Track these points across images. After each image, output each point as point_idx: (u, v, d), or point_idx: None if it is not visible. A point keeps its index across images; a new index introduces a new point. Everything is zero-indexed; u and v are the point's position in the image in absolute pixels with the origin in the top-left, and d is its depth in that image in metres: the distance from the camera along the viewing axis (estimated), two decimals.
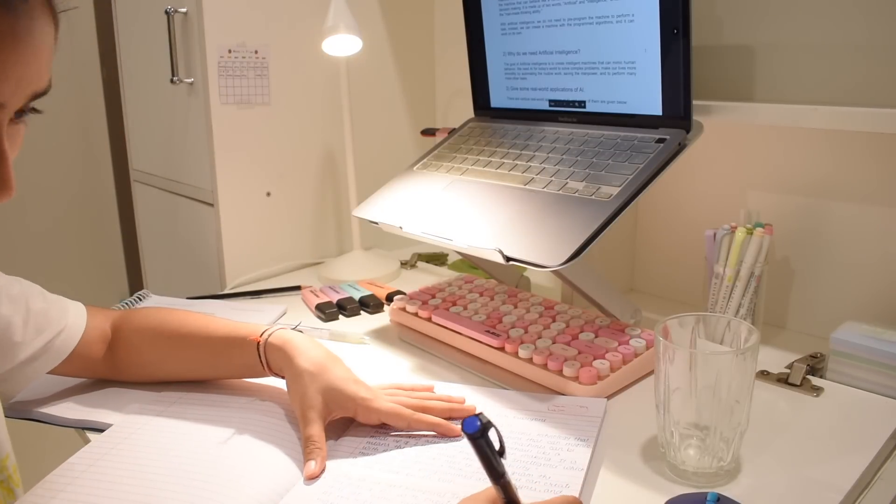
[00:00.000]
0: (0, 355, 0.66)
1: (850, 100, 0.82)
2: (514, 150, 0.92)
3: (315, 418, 0.65)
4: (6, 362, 0.67)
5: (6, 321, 0.66)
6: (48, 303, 0.71)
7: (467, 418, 0.42)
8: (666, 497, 0.57)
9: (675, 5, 0.75)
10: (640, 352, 0.77)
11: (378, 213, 0.92)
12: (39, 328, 0.69)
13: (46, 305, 0.71)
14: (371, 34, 1.22)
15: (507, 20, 0.95)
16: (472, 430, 0.42)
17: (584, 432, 0.66)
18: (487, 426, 0.43)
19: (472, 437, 0.42)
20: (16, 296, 0.68)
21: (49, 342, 0.70)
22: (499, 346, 0.80)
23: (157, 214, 1.39)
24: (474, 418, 0.42)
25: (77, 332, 0.73)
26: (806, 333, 0.90)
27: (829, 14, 0.83)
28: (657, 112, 0.81)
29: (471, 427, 0.42)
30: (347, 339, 0.92)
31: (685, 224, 1.01)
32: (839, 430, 0.68)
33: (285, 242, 1.22)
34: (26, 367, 0.69)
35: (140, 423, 0.69)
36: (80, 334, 0.73)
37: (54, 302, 0.72)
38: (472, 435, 0.42)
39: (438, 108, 1.40)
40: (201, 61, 1.08)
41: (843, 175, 0.85)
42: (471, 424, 0.42)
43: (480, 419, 0.42)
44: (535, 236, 0.75)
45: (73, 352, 0.73)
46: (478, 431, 0.42)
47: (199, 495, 0.57)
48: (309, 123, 1.20)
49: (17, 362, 0.68)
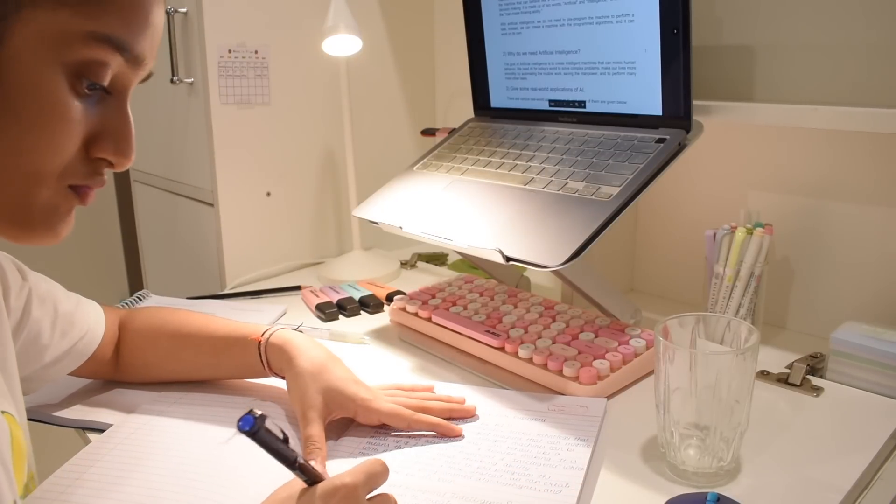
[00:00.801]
0: (28, 358, 0.65)
1: (850, 100, 0.82)
2: (514, 150, 0.92)
3: (315, 418, 0.65)
4: (33, 364, 0.66)
5: (38, 325, 0.66)
6: (72, 304, 0.71)
7: (242, 417, 0.42)
8: (666, 497, 0.57)
9: (675, 5, 0.75)
10: (640, 352, 0.77)
11: (378, 213, 0.92)
12: (65, 331, 0.69)
13: (72, 308, 0.71)
14: (371, 34, 1.22)
15: (507, 20, 0.95)
16: (248, 426, 0.42)
17: (584, 432, 0.66)
18: (261, 419, 0.43)
19: (250, 433, 0.42)
20: (44, 296, 0.67)
21: (73, 345, 0.70)
22: (499, 346, 0.80)
23: (157, 214, 1.39)
24: (248, 416, 0.42)
25: (98, 335, 0.73)
26: (806, 333, 0.90)
27: (828, 14, 0.83)
28: (657, 112, 0.81)
29: (246, 424, 0.42)
30: (347, 339, 0.92)
31: (685, 224, 1.01)
32: (839, 430, 0.68)
33: (285, 242, 1.22)
34: (49, 368, 0.69)
35: (140, 423, 0.69)
36: (101, 337, 0.74)
37: (76, 303, 0.72)
38: (249, 431, 0.42)
39: (438, 108, 1.40)
40: (201, 61, 1.08)
41: (843, 175, 0.85)
42: (246, 422, 0.42)
43: (253, 414, 0.42)
44: (535, 236, 0.75)
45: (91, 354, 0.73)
46: (254, 426, 0.42)
47: (199, 495, 0.57)
48: (309, 123, 1.20)
49: (42, 364, 0.68)
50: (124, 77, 0.45)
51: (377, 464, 0.51)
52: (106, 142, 0.45)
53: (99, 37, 0.41)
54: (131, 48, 0.43)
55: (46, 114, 0.41)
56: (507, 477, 0.60)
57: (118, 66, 0.44)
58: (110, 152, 0.46)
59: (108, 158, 0.46)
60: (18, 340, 0.64)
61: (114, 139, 0.45)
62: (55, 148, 0.43)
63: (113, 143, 0.45)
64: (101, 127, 0.45)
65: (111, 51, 0.42)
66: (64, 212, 0.46)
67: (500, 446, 0.65)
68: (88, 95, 0.43)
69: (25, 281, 0.65)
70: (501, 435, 0.67)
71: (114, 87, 0.45)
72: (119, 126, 0.46)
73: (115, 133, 0.46)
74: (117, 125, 0.46)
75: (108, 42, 0.42)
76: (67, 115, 0.42)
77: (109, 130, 0.45)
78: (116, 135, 0.46)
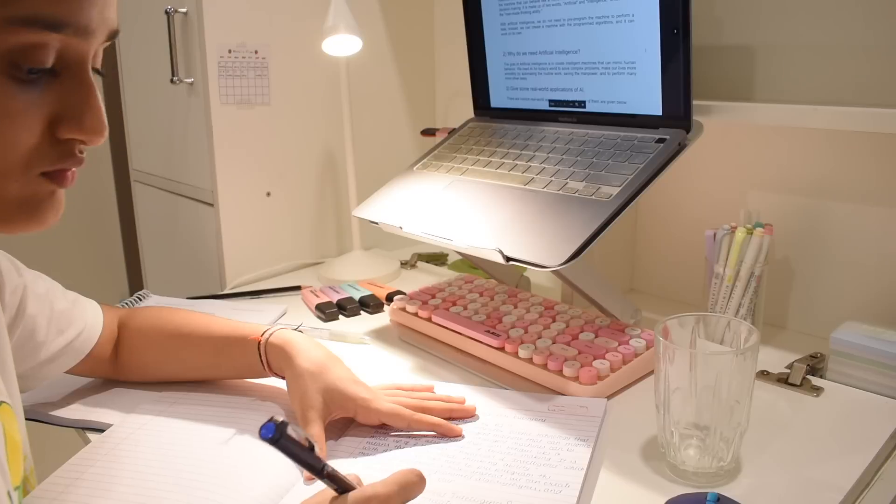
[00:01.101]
0: (23, 354, 0.65)
1: (851, 100, 0.82)
2: (514, 150, 0.92)
3: (315, 418, 0.65)
4: (28, 361, 0.66)
5: (33, 321, 0.66)
6: (69, 302, 0.71)
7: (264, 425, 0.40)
8: (666, 497, 0.57)
9: (675, 5, 0.75)
10: (640, 352, 0.77)
11: (378, 213, 0.92)
12: (61, 328, 0.69)
13: (68, 305, 0.70)
14: (371, 34, 1.22)
15: (507, 20, 0.95)
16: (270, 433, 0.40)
17: (584, 432, 0.66)
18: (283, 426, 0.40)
19: (272, 440, 0.40)
20: (40, 294, 0.67)
21: (69, 343, 0.70)
22: (499, 346, 0.80)
23: (157, 214, 1.39)
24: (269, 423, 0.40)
25: (95, 333, 0.73)
26: (806, 333, 0.90)
27: (828, 14, 0.83)
28: (657, 112, 0.81)
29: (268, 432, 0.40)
30: (347, 339, 0.92)
31: (685, 224, 1.01)
32: (839, 430, 0.68)
33: (285, 242, 1.22)
34: (45, 366, 0.69)
35: (140, 423, 0.69)
36: (98, 335, 0.73)
37: (74, 301, 0.72)
38: (271, 439, 0.40)
39: (438, 108, 1.40)
40: (201, 61, 1.08)
41: (843, 175, 0.85)
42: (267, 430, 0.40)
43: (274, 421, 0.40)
44: (535, 236, 0.75)
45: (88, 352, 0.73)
46: (275, 434, 0.40)
47: (199, 495, 0.57)
48: (309, 123, 1.20)
49: (38, 362, 0.67)
50: (76, 48, 0.41)
51: (412, 473, 0.48)
52: (71, 121, 0.41)
53: (22, 20, 0.37)
54: (71, 22, 0.39)
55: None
56: (507, 477, 0.60)
57: (61, 42, 0.39)
58: (77, 131, 0.42)
59: (78, 138, 0.42)
60: (13, 337, 0.63)
61: (78, 117, 0.42)
62: (6, 144, 0.39)
63: (78, 121, 0.42)
64: (62, 106, 0.41)
65: (43, 31, 0.38)
66: (43, 198, 0.43)
67: (500, 446, 0.65)
68: (35, 79, 0.39)
69: (21, 278, 0.65)
70: (501, 435, 0.67)
71: (65, 63, 0.41)
72: (81, 101, 0.42)
73: (79, 110, 0.41)
74: (79, 101, 0.42)
75: (36, 24, 0.37)
76: (10, 109, 0.39)
77: (72, 108, 0.41)
78: (80, 111, 0.42)
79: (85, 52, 0.42)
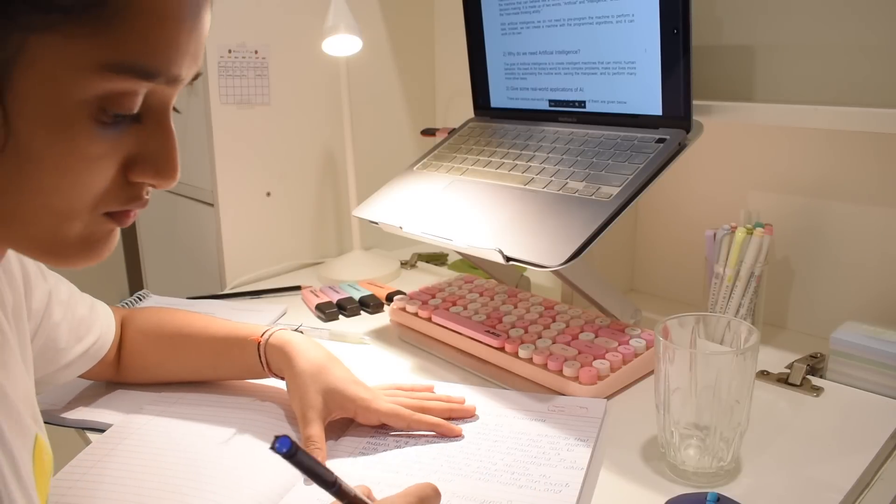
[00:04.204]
0: (44, 361, 0.65)
1: (851, 100, 0.82)
2: (514, 150, 0.92)
3: (315, 419, 0.65)
4: (47, 367, 0.66)
5: (56, 329, 0.65)
6: (87, 307, 0.71)
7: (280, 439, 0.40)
8: (666, 497, 0.57)
9: (675, 5, 0.75)
10: (640, 352, 0.77)
11: (378, 213, 0.92)
12: (80, 335, 0.69)
13: (87, 311, 0.70)
14: (371, 34, 1.22)
15: (507, 20, 0.95)
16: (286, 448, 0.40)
17: (583, 432, 0.66)
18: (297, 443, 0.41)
19: (287, 455, 0.41)
20: (65, 300, 0.66)
21: (87, 350, 0.70)
22: (499, 346, 0.80)
23: (157, 214, 1.39)
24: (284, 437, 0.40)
25: (109, 339, 0.73)
26: (806, 333, 0.90)
27: (829, 14, 0.83)
28: (657, 112, 0.81)
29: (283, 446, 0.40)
30: (347, 339, 0.92)
31: (685, 224, 1.01)
32: (839, 430, 0.68)
33: (285, 242, 1.22)
34: (62, 371, 0.68)
35: (140, 423, 0.69)
36: (111, 341, 0.73)
37: (91, 306, 0.72)
38: (287, 454, 0.40)
39: (438, 108, 1.40)
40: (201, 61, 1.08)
41: (843, 175, 0.85)
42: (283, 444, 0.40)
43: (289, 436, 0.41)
44: (535, 236, 0.75)
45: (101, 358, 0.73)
46: (291, 448, 0.40)
47: (199, 495, 0.57)
48: (309, 123, 1.20)
49: (56, 368, 0.67)
50: (162, 94, 0.40)
51: (429, 487, 0.48)
52: (145, 164, 0.41)
53: (118, 67, 0.36)
54: (163, 72, 0.38)
55: (66, 156, 0.37)
56: (507, 476, 0.60)
57: (150, 89, 0.39)
58: (150, 176, 0.41)
59: (150, 182, 0.42)
60: (36, 344, 0.63)
61: (153, 161, 0.41)
62: (81, 187, 0.39)
63: (153, 165, 0.41)
64: (140, 149, 0.40)
65: (136, 80, 0.37)
66: (101, 237, 0.42)
67: (500, 446, 0.65)
68: (118, 123, 0.39)
69: (46, 283, 0.64)
70: (501, 435, 0.67)
71: (149, 108, 0.40)
72: (160, 146, 0.41)
73: (155, 155, 0.41)
74: (157, 146, 0.41)
75: (130, 72, 0.37)
76: (90, 153, 0.38)
77: (149, 152, 0.41)
78: (156, 157, 0.41)
79: (170, 98, 0.41)
